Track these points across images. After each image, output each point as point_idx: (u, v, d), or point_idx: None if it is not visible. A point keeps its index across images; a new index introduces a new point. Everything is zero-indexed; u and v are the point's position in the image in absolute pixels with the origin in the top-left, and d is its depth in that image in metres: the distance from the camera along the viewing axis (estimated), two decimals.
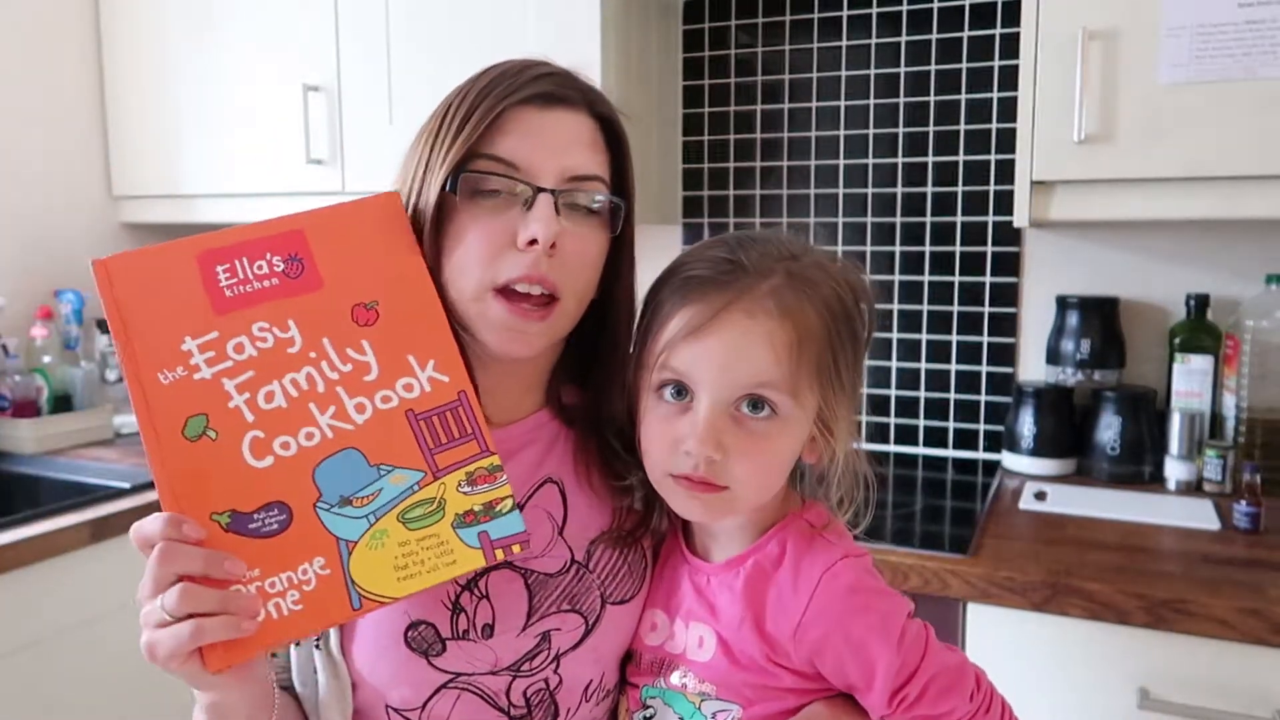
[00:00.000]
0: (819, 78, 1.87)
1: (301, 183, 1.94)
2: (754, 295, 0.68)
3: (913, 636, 0.71)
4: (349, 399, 0.63)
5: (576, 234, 0.71)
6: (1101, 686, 1.19)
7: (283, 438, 0.61)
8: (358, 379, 0.63)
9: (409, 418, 0.64)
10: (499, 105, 0.69)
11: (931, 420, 1.86)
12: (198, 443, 0.59)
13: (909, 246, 1.84)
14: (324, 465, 0.61)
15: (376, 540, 0.61)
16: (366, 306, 0.65)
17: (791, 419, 0.69)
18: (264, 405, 0.61)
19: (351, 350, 0.64)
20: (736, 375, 0.67)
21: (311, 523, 0.60)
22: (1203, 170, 1.34)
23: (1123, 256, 1.71)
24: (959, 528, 1.44)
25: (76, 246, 2.14)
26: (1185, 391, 1.60)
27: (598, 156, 0.74)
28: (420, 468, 0.63)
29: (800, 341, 0.67)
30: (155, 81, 2.08)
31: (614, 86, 1.69)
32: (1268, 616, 1.10)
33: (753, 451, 0.68)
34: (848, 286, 0.71)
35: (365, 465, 0.62)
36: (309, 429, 0.61)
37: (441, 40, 1.76)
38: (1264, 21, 1.29)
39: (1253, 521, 1.34)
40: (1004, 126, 1.73)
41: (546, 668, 0.74)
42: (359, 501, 0.61)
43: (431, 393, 0.65)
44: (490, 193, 0.70)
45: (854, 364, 0.71)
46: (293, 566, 0.59)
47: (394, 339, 0.65)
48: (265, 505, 0.60)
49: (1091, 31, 1.36)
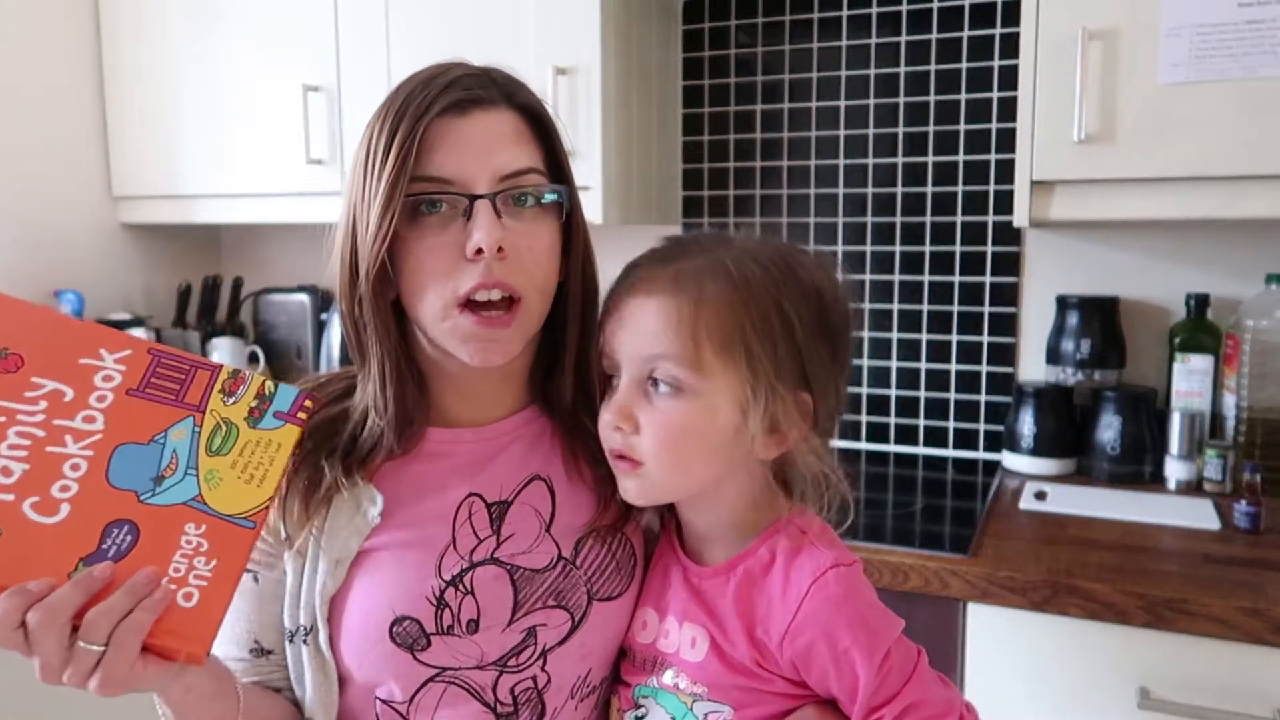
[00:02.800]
0: (819, 78, 1.87)
1: (301, 183, 1.94)
2: (661, 275, 0.70)
3: (898, 661, 0.69)
4: (73, 420, 0.62)
5: (523, 231, 0.71)
6: (1101, 686, 1.19)
7: (55, 485, 0.60)
8: (61, 404, 0.62)
9: (135, 395, 0.64)
10: (416, 125, 0.69)
11: (931, 420, 1.86)
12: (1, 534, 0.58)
13: (909, 246, 1.84)
14: (112, 474, 0.61)
15: (212, 481, 0.64)
16: (2, 355, 0.62)
17: (700, 395, 0.68)
18: (10, 480, 0.59)
19: (30, 392, 0.62)
20: (635, 349, 0.69)
21: (153, 512, 0.62)
22: (1203, 170, 1.34)
23: (1123, 256, 1.71)
24: (959, 528, 1.44)
25: (76, 246, 2.14)
26: (1185, 391, 1.60)
27: (526, 149, 0.73)
28: (185, 415, 0.65)
29: (696, 316, 0.67)
30: (155, 81, 2.08)
31: (614, 86, 1.69)
32: (1268, 616, 1.10)
33: (657, 426, 0.69)
34: (786, 273, 0.69)
35: (143, 447, 0.63)
36: (69, 463, 0.61)
37: (441, 41, 1.76)
38: (1264, 21, 1.29)
39: (1253, 521, 1.34)
40: (1004, 126, 1.73)
41: (534, 664, 0.74)
42: (168, 471, 0.63)
43: (130, 370, 0.64)
44: (431, 212, 0.70)
45: (796, 352, 0.68)
46: (175, 546, 0.61)
47: (54, 360, 0.63)
48: (104, 532, 0.60)
49: (1091, 31, 1.36)
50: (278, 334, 2.29)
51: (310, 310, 2.25)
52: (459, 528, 0.75)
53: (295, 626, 0.74)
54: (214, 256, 2.47)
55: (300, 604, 0.74)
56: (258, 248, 2.44)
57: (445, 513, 0.75)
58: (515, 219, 0.71)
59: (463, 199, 0.70)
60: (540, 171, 0.74)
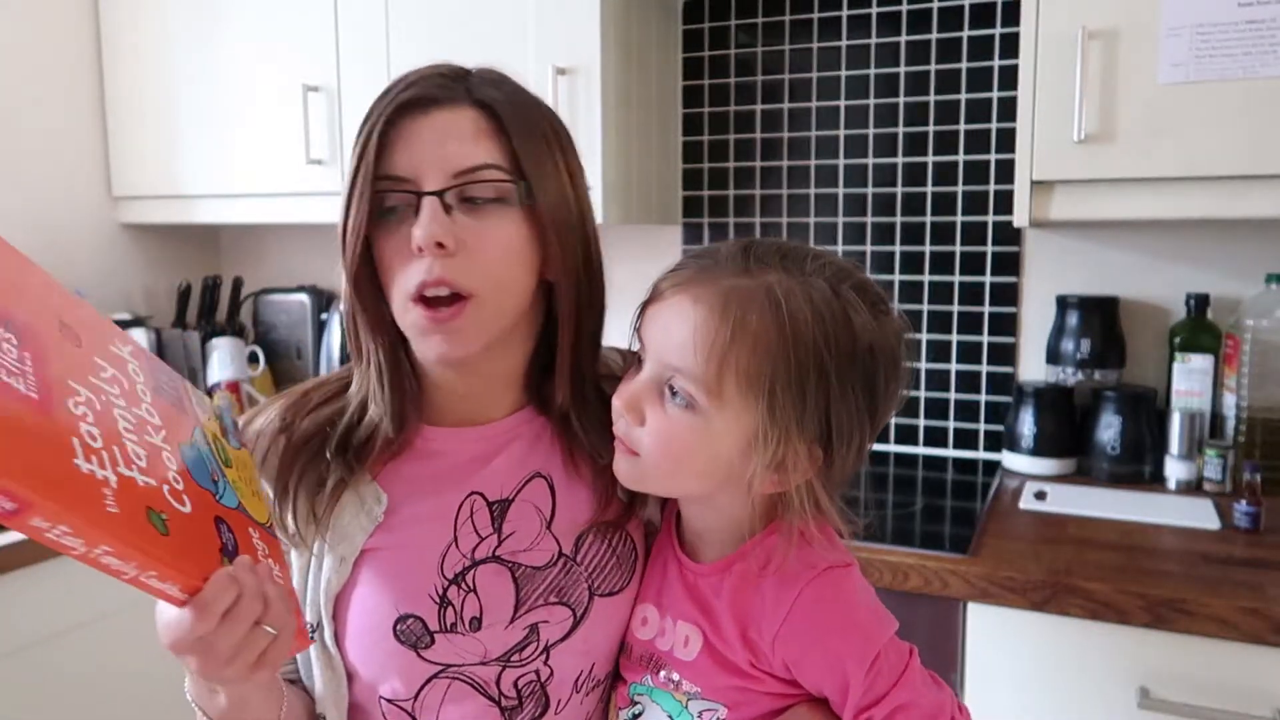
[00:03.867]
0: (819, 78, 1.87)
1: (301, 183, 1.94)
2: (714, 286, 0.67)
3: (890, 662, 0.68)
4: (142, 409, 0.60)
5: (475, 227, 0.71)
6: (1101, 686, 1.19)
7: (170, 473, 0.58)
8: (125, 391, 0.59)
9: (158, 396, 0.63)
10: (377, 125, 0.71)
11: (931, 420, 1.86)
12: (170, 532, 0.54)
13: (909, 246, 1.84)
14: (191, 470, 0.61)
15: (239, 491, 0.65)
16: (62, 328, 0.57)
17: (711, 419, 0.66)
18: (143, 464, 0.55)
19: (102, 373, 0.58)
20: (662, 351, 0.68)
21: (228, 514, 0.62)
22: (1203, 170, 1.34)
23: (1123, 256, 1.71)
24: (959, 527, 1.44)
25: (76, 246, 2.14)
26: (1185, 391, 1.60)
27: (485, 145, 0.72)
28: (192, 424, 0.65)
29: (730, 347, 0.64)
30: (155, 81, 2.08)
31: (614, 86, 1.69)
32: (1268, 616, 1.10)
33: (661, 430, 0.68)
34: (840, 325, 0.65)
35: (188, 447, 0.62)
36: (164, 454, 0.59)
37: (441, 41, 1.76)
38: (1264, 21, 1.29)
39: (1253, 521, 1.34)
40: (1004, 126, 1.73)
41: (536, 659, 0.75)
42: (214, 474, 0.64)
43: (140, 368, 0.64)
44: (392, 213, 0.72)
45: (825, 409, 0.65)
46: (254, 548, 0.62)
47: (97, 343, 0.60)
48: (216, 528, 0.60)
49: (1091, 31, 1.36)
50: (278, 334, 2.30)
51: (310, 310, 2.25)
52: (460, 526, 0.75)
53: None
54: (214, 256, 2.47)
55: (306, 601, 0.75)
56: (258, 248, 2.44)
57: (447, 511, 0.75)
58: (471, 215, 0.71)
59: (412, 195, 0.70)
60: (499, 167, 0.72)
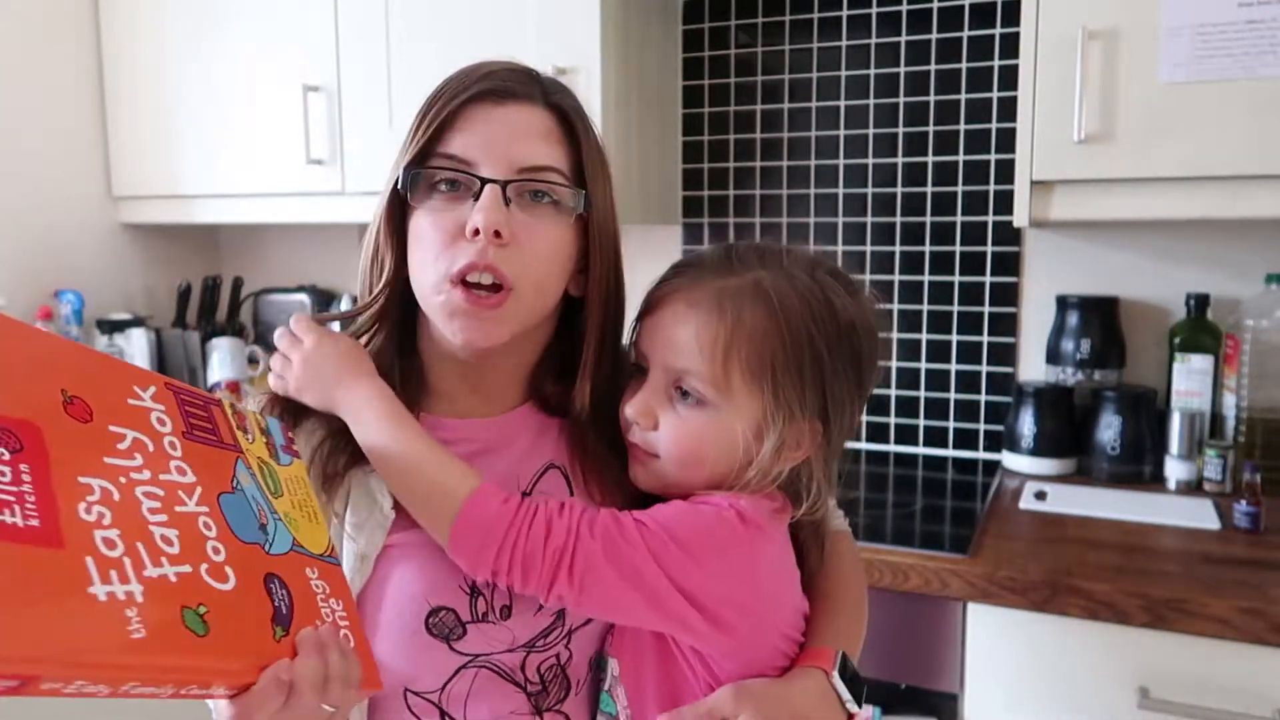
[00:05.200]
0: (819, 78, 1.87)
1: (301, 183, 1.94)
2: (706, 288, 0.72)
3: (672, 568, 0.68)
4: (171, 473, 0.55)
5: (529, 224, 0.72)
6: (1101, 686, 1.19)
7: (207, 547, 0.54)
8: (149, 455, 0.55)
9: (190, 439, 0.59)
10: (449, 104, 0.71)
11: (931, 420, 1.86)
12: (210, 629, 0.50)
13: (909, 246, 1.84)
14: (235, 528, 0.57)
15: (292, 524, 0.63)
16: (69, 402, 0.52)
17: (721, 412, 0.71)
18: (174, 550, 0.51)
19: (119, 444, 0.54)
20: (667, 357, 0.72)
21: (280, 563, 0.59)
22: (1203, 170, 1.34)
23: (1123, 256, 1.71)
24: (959, 528, 1.44)
25: (76, 246, 2.14)
26: (1185, 391, 1.60)
27: (552, 148, 0.74)
28: (233, 457, 0.62)
29: (731, 342, 0.69)
30: (155, 81, 2.08)
31: (614, 86, 1.69)
32: (1268, 616, 1.10)
33: (676, 431, 0.72)
34: (824, 307, 0.71)
35: (233, 495, 0.59)
36: (201, 520, 0.55)
37: (441, 41, 1.76)
38: (1264, 21, 1.29)
39: (1253, 521, 1.34)
40: (1004, 126, 1.73)
41: (559, 644, 0.76)
42: (263, 520, 0.60)
43: (168, 409, 0.59)
44: (444, 188, 0.72)
45: (821, 386, 0.71)
46: (313, 593, 0.61)
47: (110, 404, 0.55)
48: (266, 589, 0.56)
49: (1091, 31, 1.36)
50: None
51: (310, 310, 2.25)
52: None
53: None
54: (214, 256, 2.47)
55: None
56: (258, 248, 2.44)
57: None
58: (526, 212, 0.72)
59: (475, 180, 0.71)
60: (561, 173, 0.74)
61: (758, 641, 0.73)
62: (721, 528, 0.69)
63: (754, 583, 0.71)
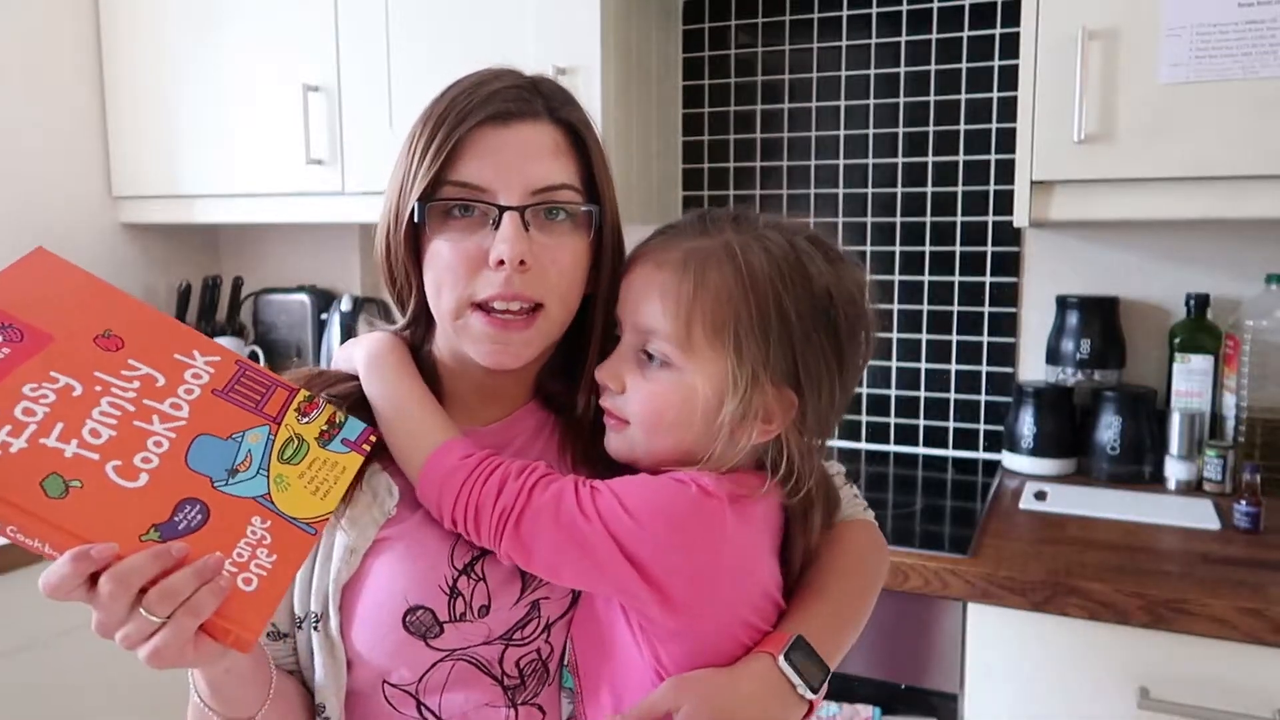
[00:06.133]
0: (819, 78, 1.87)
1: (301, 183, 1.94)
2: (675, 249, 0.72)
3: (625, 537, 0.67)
4: (161, 403, 0.65)
5: (550, 245, 0.73)
6: (1101, 686, 1.19)
7: (138, 455, 0.62)
8: (153, 388, 0.66)
9: (219, 395, 0.68)
10: (455, 132, 0.71)
11: (931, 420, 1.86)
12: (69, 496, 0.59)
13: (909, 246, 1.84)
14: (191, 458, 0.64)
15: (280, 485, 0.67)
16: (105, 335, 0.66)
17: (685, 373, 0.70)
18: (98, 441, 0.61)
19: (126, 371, 0.65)
20: (635, 318, 0.72)
21: (224, 499, 0.64)
22: (1203, 170, 1.34)
23: (1123, 256, 1.71)
24: (959, 528, 1.44)
25: (76, 246, 2.13)
26: (1185, 391, 1.60)
27: (563, 163, 0.74)
28: (262, 423, 0.69)
29: (694, 301, 0.69)
30: (155, 81, 2.08)
31: (614, 86, 1.69)
32: (1268, 616, 1.10)
33: (644, 394, 0.72)
34: (795, 268, 0.69)
35: (221, 441, 0.66)
36: (153, 439, 0.64)
37: (441, 41, 1.76)
38: (1264, 21, 1.29)
39: (1253, 521, 1.34)
40: (1004, 126, 1.73)
41: (538, 638, 0.76)
42: (242, 467, 0.66)
43: (217, 373, 0.69)
44: (459, 214, 0.72)
45: (790, 350, 0.69)
46: (240, 534, 0.63)
47: (151, 349, 0.67)
48: (177, 505, 0.62)
49: (1091, 31, 1.36)
50: (278, 334, 2.29)
51: (310, 310, 2.25)
52: None
53: (305, 612, 0.75)
54: (214, 256, 2.47)
55: (312, 590, 0.75)
56: (258, 248, 2.44)
57: None
58: (544, 232, 0.72)
59: (493, 208, 0.71)
60: (574, 188, 0.74)
61: (714, 627, 0.70)
62: (680, 499, 0.68)
63: (712, 560, 0.68)
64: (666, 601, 0.67)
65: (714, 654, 0.70)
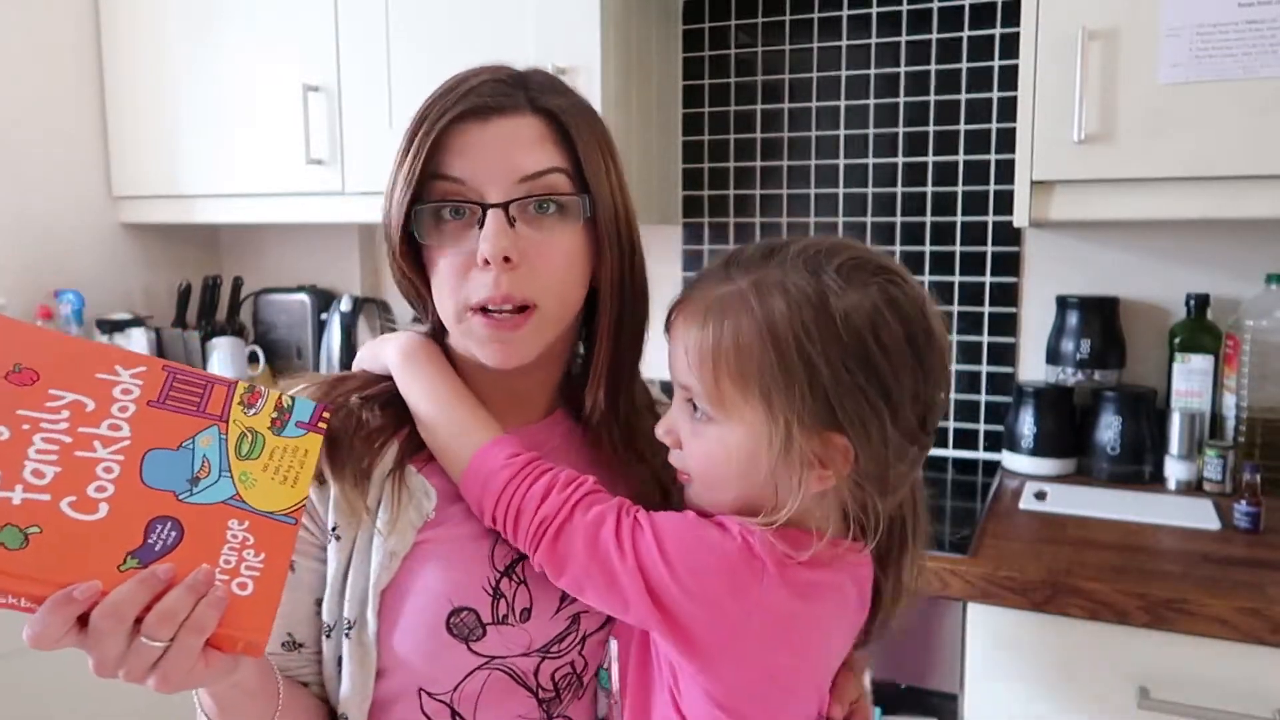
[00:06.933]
0: (819, 78, 1.87)
1: (301, 183, 1.94)
2: (699, 302, 0.70)
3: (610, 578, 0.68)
4: (98, 428, 0.62)
5: (539, 239, 0.72)
6: (1101, 686, 1.19)
7: (90, 486, 0.60)
8: (84, 414, 0.62)
9: (157, 406, 0.65)
10: (435, 127, 0.70)
11: None
12: (29, 545, 0.56)
13: (909, 246, 1.84)
14: (146, 476, 0.62)
15: (247, 482, 0.65)
16: (16, 371, 0.61)
17: (725, 426, 0.68)
18: (44, 481, 0.58)
19: (50, 403, 0.61)
20: (674, 374, 0.72)
21: (194, 510, 0.62)
22: (1203, 170, 1.34)
23: (1123, 256, 1.71)
24: (959, 528, 1.43)
25: (76, 246, 2.14)
26: (1185, 391, 1.60)
27: (548, 151, 0.73)
28: (209, 424, 0.66)
29: (717, 354, 0.67)
30: (155, 81, 2.08)
31: (614, 86, 1.69)
32: (1268, 616, 1.10)
33: (694, 448, 0.71)
34: (818, 310, 0.65)
35: (173, 452, 0.64)
36: (101, 466, 0.61)
37: (441, 40, 1.76)
38: (1264, 21, 1.29)
39: (1253, 521, 1.34)
40: (1004, 126, 1.73)
41: (574, 650, 0.76)
42: (202, 474, 0.64)
43: (147, 384, 0.65)
44: (449, 216, 0.72)
45: (824, 394, 0.65)
46: (221, 540, 0.62)
47: (70, 375, 0.63)
48: (148, 527, 0.60)
49: (1091, 31, 1.36)
50: (277, 334, 2.30)
51: (310, 310, 2.25)
52: None
53: (335, 620, 0.74)
54: (214, 256, 2.47)
55: (346, 597, 0.73)
56: (258, 248, 2.44)
57: None
58: (534, 228, 0.72)
59: (478, 207, 0.71)
60: (563, 171, 0.73)
61: (741, 684, 0.69)
62: (719, 550, 0.67)
63: (737, 617, 0.66)
64: (688, 645, 0.67)
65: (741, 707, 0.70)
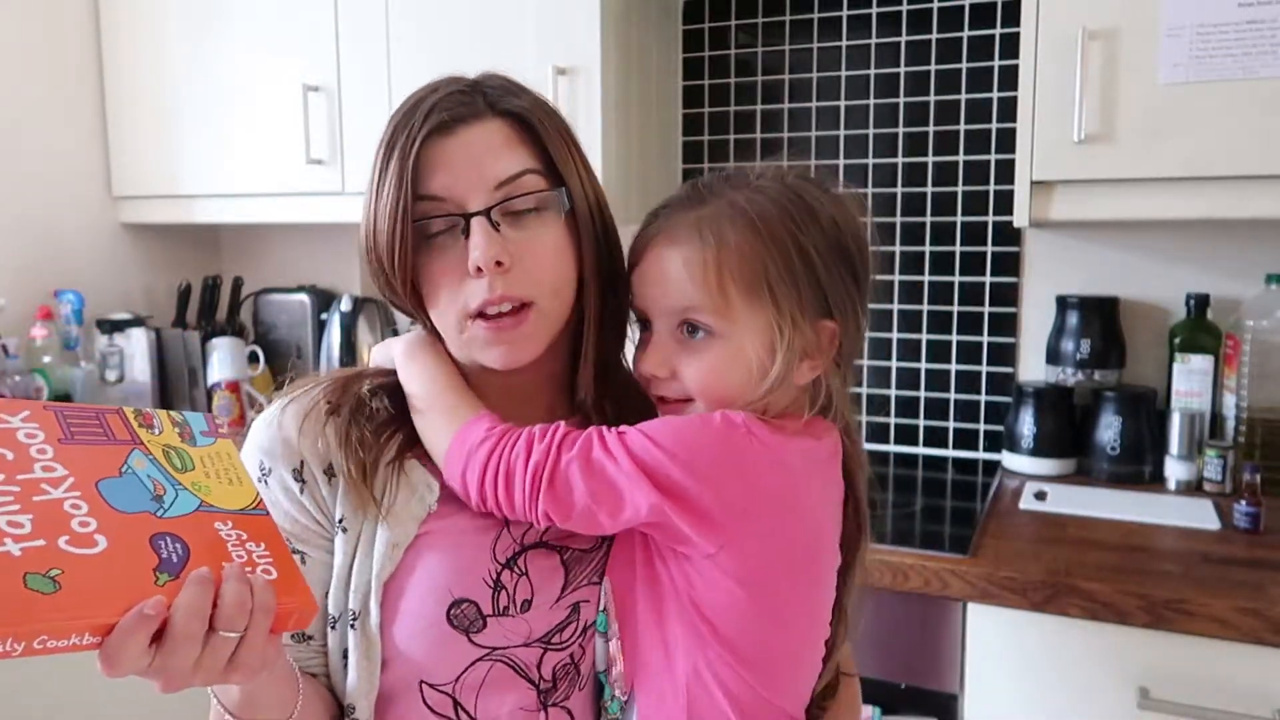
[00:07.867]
0: (819, 78, 1.87)
1: (301, 183, 1.94)
2: (682, 223, 0.73)
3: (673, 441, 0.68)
4: (34, 472, 0.60)
5: (525, 238, 0.73)
6: (1101, 686, 1.19)
7: (74, 523, 0.59)
8: (10, 464, 0.60)
9: (70, 444, 0.64)
10: (411, 152, 0.72)
11: (931, 420, 1.86)
12: (62, 587, 0.55)
13: (909, 247, 1.84)
14: (115, 504, 0.61)
15: (203, 490, 0.66)
16: None
17: (733, 337, 0.71)
18: (26, 530, 0.56)
19: None
20: (667, 300, 0.73)
21: (178, 523, 0.63)
22: (1203, 170, 1.34)
23: (1123, 256, 1.71)
24: (959, 528, 1.44)
25: (76, 247, 2.14)
26: (1185, 391, 1.60)
27: (518, 153, 0.74)
28: (129, 448, 0.66)
29: (720, 263, 0.70)
30: (155, 81, 2.08)
31: (614, 86, 1.69)
32: (1268, 616, 1.10)
33: (696, 370, 0.72)
34: (802, 209, 0.72)
35: (120, 479, 0.63)
36: (68, 504, 0.60)
37: (441, 41, 1.76)
38: (1264, 21, 1.29)
39: (1253, 521, 1.34)
40: (1004, 126, 1.73)
41: (574, 641, 0.76)
42: (160, 491, 0.64)
43: (42, 425, 0.64)
44: (436, 231, 0.73)
45: (818, 285, 0.71)
46: (222, 541, 0.63)
47: None
48: (153, 546, 0.60)
49: (1091, 31, 1.36)
50: (278, 334, 2.29)
51: (310, 310, 2.25)
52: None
53: (341, 611, 0.75)
54: (214, 256, 2.47)
55: (350, 588, 0.75)
56: (258, 248, 2.44)
57: None
58: (517, 228, 0.73)
59: (459, 218, 0.72)
60: (536, 171, 0.75)
61: (759, 561, 0.70)
62: (705, 427, 0.69)
63: (745, 478, 0.68)
64: (701, 521, 0.67)
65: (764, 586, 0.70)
